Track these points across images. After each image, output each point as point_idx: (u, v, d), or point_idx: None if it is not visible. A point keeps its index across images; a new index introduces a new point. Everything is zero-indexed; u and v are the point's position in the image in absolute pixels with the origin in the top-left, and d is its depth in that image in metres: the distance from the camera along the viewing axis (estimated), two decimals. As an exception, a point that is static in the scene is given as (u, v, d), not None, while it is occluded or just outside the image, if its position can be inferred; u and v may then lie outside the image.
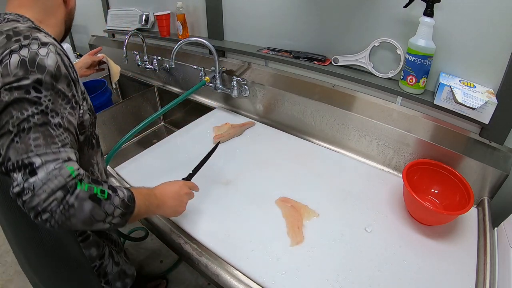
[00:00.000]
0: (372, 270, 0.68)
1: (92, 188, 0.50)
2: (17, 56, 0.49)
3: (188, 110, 1.52)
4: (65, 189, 0.46)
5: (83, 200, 0.48)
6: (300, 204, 0.84)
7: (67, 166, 0.48)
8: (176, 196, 0.72)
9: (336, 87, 1.03)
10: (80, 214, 0.48)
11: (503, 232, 0.71)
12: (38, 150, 0.46)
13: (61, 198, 0.46)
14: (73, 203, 0.47)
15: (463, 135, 0.85)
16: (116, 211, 0.52)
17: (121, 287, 0.79)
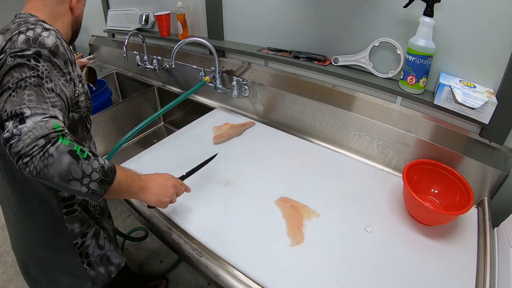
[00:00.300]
0: (372, 270, 0.68)
1: (73, 145, 0.53)
2: (24, 35, 0.58)
3: (188, 110, 1.52)
4: (47, 138, 0.51)
5: (62, 152, 0.51)
6: (300, 204, 0.84)
7: (53, 121, 0.53)
8: (162, 184, 0.72)
9: (336, 87, 1.03)
10: (58, 165, 0.51)
11: (503, 232, 0.71)
12: (29, 104, 0.52)
13: (42, 145, 0.50)
14: (52, 153, 0.50)
15: (463, 135, 0.85)
16: (94, 175, 0.55)
17: (104, 273, 0.80)
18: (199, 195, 0.87)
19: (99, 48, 1.96)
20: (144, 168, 0.99)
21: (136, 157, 1.05)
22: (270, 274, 0.67)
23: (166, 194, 0.72)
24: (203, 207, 0.84)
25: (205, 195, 0.87)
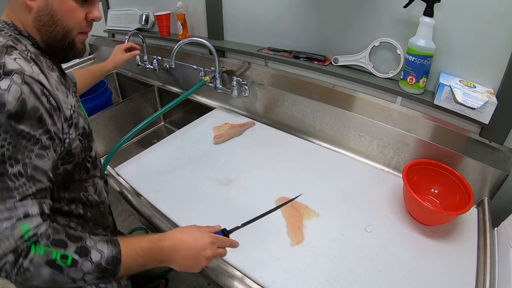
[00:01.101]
0: (372, 270, 0.68)
1: (50, 252, 0.44)
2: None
3: (188, 110, 1.52)
4: (16, 253, 0.42)
5: (39, 265, 0.43)
6: (300, 204, 0.84)
7: (21, 225, 0.43)
8: (192, 256, 0.58)
9: (336, 87, 1.03)
10: (39, 278, 0.44)
11: (503, 232, 0.71)
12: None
13: (13, 261, 0.42)
14: (28, 267, 0.43)
15: (463, 135, 0.85)
16: (88, 277, 0.47)
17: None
18: (199, 195, 0.87)
19: (99, 48, 1.96)
20: (144, 168, 0.99)
21: (136, 157, 1.05)
22: (270, 274, 0.67)
23: (196, 266, 0.59)
24: (203, 207, 0.84)
25: (205, 195, 0.87)
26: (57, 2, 0.53)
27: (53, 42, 0.56)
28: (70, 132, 0.55)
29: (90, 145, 0.66)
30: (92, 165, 0.68)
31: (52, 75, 0.54)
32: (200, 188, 0.88)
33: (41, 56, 0.55)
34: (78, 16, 0.56)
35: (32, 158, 0.46)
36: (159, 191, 0.89)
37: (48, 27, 0.54)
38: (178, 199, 0.86)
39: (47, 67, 0.54)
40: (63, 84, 0.57)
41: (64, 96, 0.54)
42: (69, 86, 0.61)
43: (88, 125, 0.66)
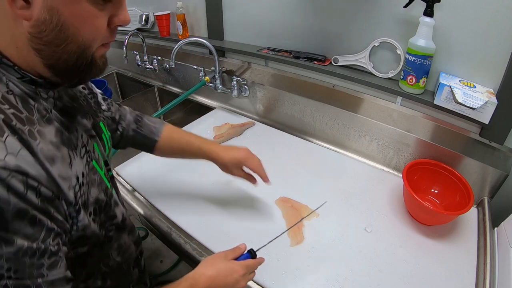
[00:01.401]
0: (372, 270, 0.68)
1: None
2: None
3: (188, 110, 1.52)
4: None
5: None
6: (300, 204, 0.84)
7: None
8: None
9: (336, 87, 1.03)
10: None
11: (503, 232, 0.71)
12: None
13: None
14: None
15: (463, 135, 0.85)
16: None
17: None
18: (200, 195, 0.87)
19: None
20: (145, 168, 0.99)
21: (136, 157, 1.05)
22: (270, 274, 0.67)
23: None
24: (204, 207, 0.84)
25: (205, 194, 0.87)
26: (68, 9, 0.36)
27: (63, 66, 0.40)
28: (79, 218, 0.42)
29: (113, 213, 0.52)
30: (117, 231, 0.55)
31: (46, 133, 0.39)
32: (200, 188, 0.88)
33: (32, 97, 0.40)
34: (99, 24, 0.39)
35: (44, 274, 0.35)
36: (159, 191, 0.89)
37: (55, 47, 0.38)
38: (178, 199, 0.86)
39: (40, 117, 0.39)
40: (64, 143, 0.42)
41: (64, 168, 0.40)
42: (78, 137, 0.46)
43: (106, 188, 0.50)
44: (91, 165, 0.48)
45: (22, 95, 0.39)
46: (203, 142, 0.75)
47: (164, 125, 0.78)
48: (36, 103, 0.40)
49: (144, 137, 0.75)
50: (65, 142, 0.42)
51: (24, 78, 0.39)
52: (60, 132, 0.42)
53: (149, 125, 0.76)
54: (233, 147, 0.75)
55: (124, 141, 0.74)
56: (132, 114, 0.76)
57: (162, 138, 0.75)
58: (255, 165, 0.73)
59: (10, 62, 0.38)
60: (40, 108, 0.40)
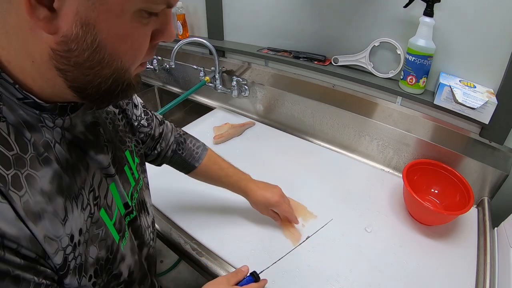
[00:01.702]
0: (372, 270, 0.68)
1: None
2: None
3: (188, 110, 1.52)
4: None
5: None
6: (298, 204, 0.84)
7: None
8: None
9: (336, 87, 1.03)
10: None
11: (503, 232, 0.71)
12: None
13: None
14: None
15: (463, 135, 0.85)
16: None
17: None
18: (200, 195, 0.87)
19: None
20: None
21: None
22: (270, 274, 0.67)
23: None
24: (203, 207, 0.84)
25: (205, 194, 0.87)
26: (107, 24, 0.28)
27: (93, 91, 0.32)
28: (67, 282, 0.35)
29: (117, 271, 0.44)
30: (126, 285, 0.47)
31: (38, 179, 0.31)
32: (200, 188, 0.88)
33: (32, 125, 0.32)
34: (142, 42, 0.32)
35: None
36: (159, 192, 0.89)
37: (86, 70, 0.30)
38: (178, 199, 0.86)
39: (35, 155, 0.32)
40: (61, 191, 0.34)
41: (54, 226, 0.32)
42: (85, 180, 0.38)
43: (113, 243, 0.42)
44: (97, 216, 0.39)
45: (17, 123, 0.31)
46: (240, 179, 0.75)
47: (206, 151, 0.75)
48: (33, 135, 0.32)
49: (183, 161, 0.72)
50: (63, 190, 0.34)
51: (26, 100, 0.31)
52: (59, 176, 0.34)
53: (191, 149, 0.73)
54: (268, 187, 0.75)
55: (161, 160, 0.71)
56: (174, 134, 0.72)
57: (201, 165, 0.73)
58: (284, 210, 0.73)
59: (10, 79, 0.30)
60: (37, 143, 0.32)
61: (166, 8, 0.32)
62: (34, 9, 0.26)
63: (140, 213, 0.53)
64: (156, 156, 0.69)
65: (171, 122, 0.75)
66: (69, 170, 0.36)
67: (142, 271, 0.52)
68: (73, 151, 0.37)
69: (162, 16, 0.33)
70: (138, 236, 0.52)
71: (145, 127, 0.63)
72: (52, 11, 0.26)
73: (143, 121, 0.62)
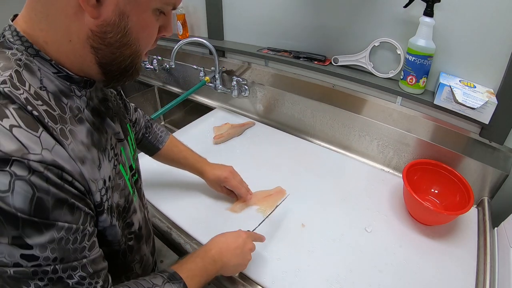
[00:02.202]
0: (372, 270, 0.68)
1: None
2: None
3: (188, 110, 1.52)
4: None
5: None
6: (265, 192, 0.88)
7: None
8: (240, 253, 0.61)
9: (336, 87, 1.03)
10: None
11: (503, 232, 0.71)
12: None
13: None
14: None
15: (463, 135, 0.85)
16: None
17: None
18: (200, 195, 0.87)
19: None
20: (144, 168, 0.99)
21: (136, 157, 1.05)
22: (270, 274, 0.67)
23: (244, 262, 0.62)
24: (203, 207, 0.84)
25: (205, 194, 0.87)
26: (136, 15, 0.37)
27: (115, 67, 0.41)
28: (100, 219, 0.42)
29: (130, 220, 0.52)
30: (137, 240, 0.55)
31: (77, 133, 0.39)
32: (200, 188, 0.88)
33: (66, 94, 0.40)
34: (153, 33, 0.42)
35: (87, 255, 0.38)
36: (159, 191, 0.89)
37: (115, 49, 0.38)
38: (178, 199, 0.86)
39: (72, 115, 0.39)
40: (94, 144, 0.42)
41: (93, 170, 0.40)
42: (107, 140, 0.46)
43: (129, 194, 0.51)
44: (118, 169, 0.48)
45: (55, 91, 0.38)
46: (196, 161, 0.84)
47: (168, 135, 0.84)
48: (68, 101, 0.40)
49: (150, 143, 0.81)
50: (96, 143, 0.42)
51: (59, 73, 0.39)
52: (91, 133, 0.41)
53: (156, 133, 0.82)
54: (220, 166, 0.84)
55: None
56: (144, 119, 0.81)
57: (164, 147, 0.82)
58: (233, 185, 0.81)
59: (47, 56, 0.37)
60: (72, 107, 0.40)
61: (171, 9, 0.43)
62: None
63: (139, 179, 0.62)
64: None
65: (171, 122, 0.77)
66: (97, 130, 0.43)
67: (148, 230, 0.61)
68: (96, 117, 0.45)
69: (168, 15, 0.43)
70: (141, 198, 0.61)
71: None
72: (98, 0, 0.35)
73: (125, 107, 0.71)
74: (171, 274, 0.49)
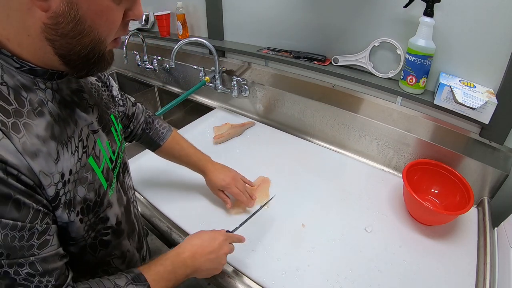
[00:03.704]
0: (372, 270, 0.68)
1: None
2: None
3: (188, 110, 1.52)
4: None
5: None
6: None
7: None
8: (214, 258, 0.59)
9: (336, 87, 1.03)
10: None
11: (503, 232, 0.71)
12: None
13: None
14: None
15: (463, 135, 0.85)
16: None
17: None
18: (200, 195, 0.87)
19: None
20: (145, 168, 0.99)
21: (136, 157, 1.05)
22: (270, 274, 0.67)
23: (218, 267, 0.61)
24: (203, 207, 0.84)
25: (205, 194, 0.87)
26: (86, 2, 0.36)
27: (74, 57, 0.40)
28: (56, 214, 0.42)
29: (103, 215, 0.50)
30: (115, 236, 0.54)
31: (33, 127, 0.39)
32: (200, 188, 0.88)
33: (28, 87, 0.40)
34: (115, 18, 0.40)
35: (35, 253, 0.38)
36: (159, 191, 0.89)
37: (70, 39, 0.38)
38: (178, 199, 0.86)
39: (31, 109, 0.39)
40: (54, 137, 0.41)
41: (48, 164, 0.39)
42: (75, 131, 0.46)
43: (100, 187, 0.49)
44: (84, 162, 0.46)
45: (16, 86, 0.38)
46: (198, 159, 0.83)
47: (171, 132, 0.83)
48: (29, 94, 0.40)
49: (150, 139, 0.81)
50: (56, 136, 0.41)
51: (23, 68, 0.39)
52: (51, 125, 0.41)
53: (157, 129, 0.81)
54: (224, 170, 0.82)
55: (132, 137, 0.80)
56: (144, 115, 0.80)
57: (165, 144, 0.82)
58: (234, 192, 0.80)
59: (8, 52, 0.38)
60: (32, 100, 0.40)
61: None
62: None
63: (124, 172, 0.61)
64: (129, 133, 0.78)
65: (171, 122, 0.77)
66: (61, 122, 0.43)
67: (130, 226, 0.60)
68: (63, 109, 0.45)
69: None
70: (124, 192, 0.59)
71: (121, 106, 0.72)
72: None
73: (120, 101, 0.71)
74: (136, 275, 0.49)
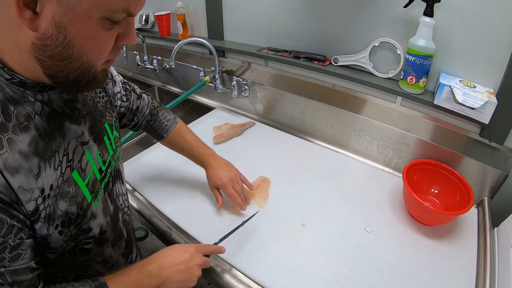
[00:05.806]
0: (372, 270, 0.68)
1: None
2: None
3: (188, 110, 1.52)
4: None
5: None
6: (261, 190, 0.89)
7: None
8: (185, 268, 0.57)
9: (336, 87, 1.03)
10: None
11: (503, 232, 0.71)
12: None
13: None
14: None
15: (463, 135, 0.85)
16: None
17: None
18: (200, 195, 0.87)
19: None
20: (145, 168, 0.99)
21: (136, 157, 1.05)
22: (270, 274, 0.67)
23: (191, 278, 0.58)
24: (203, 207, 0.84)
25: (205, 195, 0.87)
26: (76, 27, 0.35)
27: (63, 79, 0.40)
28: (36, 227, 0.42)
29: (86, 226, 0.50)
30: (97, 244, 0.54)
31: (17, 142, 0.38)
32: (200, 188, 0.88)
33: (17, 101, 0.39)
34: (105, 45, 0.40)
35: (6, 265, 0.38)
36: (159, 191, 0.89)
37: (58, 61, 0.37)
38: (178, 199, 0.86)
39: (17, 123, 0.39)
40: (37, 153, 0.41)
41: (28, 180, 0.39)
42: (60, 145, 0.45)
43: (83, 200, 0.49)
44: (67, 176, 0.46)
45: (4, 99, 0.38)
46: (201, 153, 0.83)
47: (175, 124, 0.84)
48: (17, 108, 0.39)
49: (154, 130, 0.83)
50: (39, 151, 0.41)
51: (13, 80, 0.39)
52: (36, 141, 0.41)
53: (161, 121, 0.83)
54: (224, 168, 0.81)
55: (137, 128, 0.83)
56: (149, 106, 0.82)
57: (169, 136, 0.83)
58: (229, 193, 0.79)
59: (0, 64, 0.38)
60: (19, 114, 0.39)
61: (127, 17, 0.39)
62: (22, 10, 0.33)
63: (115, 180, 0.61)
64: (133, 125, 0.80)
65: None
66: (46, 137, 0.43)
67: (117, 233, 0.60)
68: (51, 122, 0.44)
69: (125, 23, 0.40)
70: (112, 201, 0.59)
71: (125, 102, 0.73)
72: (35, 13, 0.34)
73: (123, 97, 0.72)
74: (100, 284, 0.48)
